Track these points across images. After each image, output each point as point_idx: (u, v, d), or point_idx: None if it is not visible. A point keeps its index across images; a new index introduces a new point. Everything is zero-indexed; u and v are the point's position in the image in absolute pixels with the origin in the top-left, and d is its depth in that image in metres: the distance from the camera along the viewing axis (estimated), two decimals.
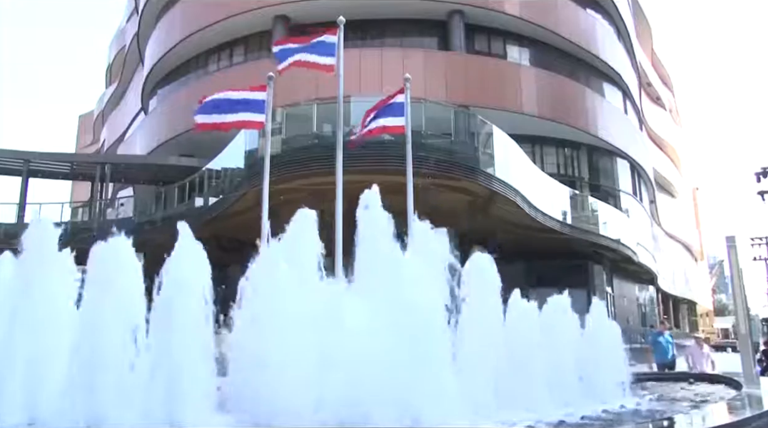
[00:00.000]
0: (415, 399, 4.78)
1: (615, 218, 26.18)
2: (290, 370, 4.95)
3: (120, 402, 4.66)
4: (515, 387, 6.00)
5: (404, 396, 4.78)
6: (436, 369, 4.99)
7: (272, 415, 4.77)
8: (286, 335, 5.12)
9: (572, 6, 27.67)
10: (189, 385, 4.85)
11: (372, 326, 5.15)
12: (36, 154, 26.20)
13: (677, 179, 48.00)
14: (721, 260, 66.19)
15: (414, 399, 4.78)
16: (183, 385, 4.82)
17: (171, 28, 27.91)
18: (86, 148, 51.05)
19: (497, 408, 5.64)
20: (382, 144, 14.80)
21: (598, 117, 27.11)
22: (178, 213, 21.98)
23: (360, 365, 4.96)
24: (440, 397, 4.87)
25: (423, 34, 24.96)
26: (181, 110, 25.85)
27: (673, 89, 51.76)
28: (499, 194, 18.06)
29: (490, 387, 5.83)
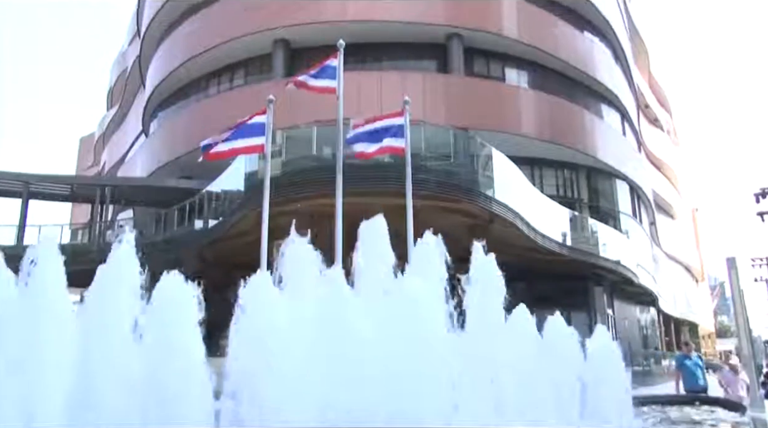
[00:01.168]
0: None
1: (615, 239, 26.15)
2: (292, 385, 4.91)
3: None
4: (517, 405, 5.95)
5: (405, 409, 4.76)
6: (437, 386, 4.97)
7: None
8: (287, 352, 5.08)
9: (570, 29, 27.94)
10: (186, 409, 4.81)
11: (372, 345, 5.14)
12: (36, 176, 26.26)
13: (676, 200, 48.07)
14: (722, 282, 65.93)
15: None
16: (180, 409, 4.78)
17: (172, 51, 28.14)
18: (87, 170, 51.17)
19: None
20: (382, 166, 14.85)
21: (596, 139, 27.23)
22: (178, 235, 22.01)
23: (361, 380, 4.93)
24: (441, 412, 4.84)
25: (422, 57, 25.15)
26: (182, 132, 26.00)
27: (670, 111, 52.08)
28: (498, 216, 18.07)
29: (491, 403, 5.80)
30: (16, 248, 22.81)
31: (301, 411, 4.85)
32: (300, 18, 24.13)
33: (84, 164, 54.54)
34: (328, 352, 5.12)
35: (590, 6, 29.20)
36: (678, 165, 50.02)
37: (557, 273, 22.71)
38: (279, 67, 24.51)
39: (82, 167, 54.71)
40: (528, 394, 6.05)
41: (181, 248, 20.77)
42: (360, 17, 23.62)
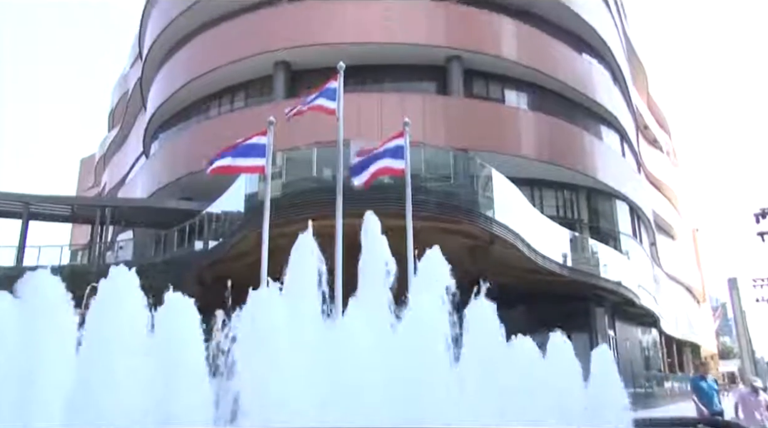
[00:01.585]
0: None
1: (615, 260, 26.10)
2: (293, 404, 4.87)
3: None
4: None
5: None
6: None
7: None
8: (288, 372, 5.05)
9: (568, 51, 28.16)
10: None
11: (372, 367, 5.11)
12: (36, 197, 26.26)
13: (677, 221, 48.07)
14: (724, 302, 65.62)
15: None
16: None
17: (173, 73, 28.33)
18: (87, 191, 51.26)
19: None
20: (382, 187, 14.84)
21: (596, 160, 27.31)
22: (177, 257, 21.96)
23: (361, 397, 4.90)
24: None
25: (422, 79, 25.32)
26: (182, 153, 26.07)
27: (669, 132, 52.31)
28: (499, 237, 18.04)
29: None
30: (16, 270, 22.76)
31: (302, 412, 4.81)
32: (300, 40, 24.35)
33: (85, 184, 54.65)
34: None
35: (588, 28, 29.46)
36: (678, 186, 50.11)
37: (558, 294, 22.61)
38: (280, 89, 24.66)
39: (83, 187, 54.81)
40: (530, 415, 6.00)
41: (181, 270, 20.71)
42: (360, 40, 23.83)
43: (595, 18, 30.23)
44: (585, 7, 29.50)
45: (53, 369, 5.25)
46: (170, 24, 28.79)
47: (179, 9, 28.29)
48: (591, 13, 29.87)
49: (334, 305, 9.37)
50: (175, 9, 28.67)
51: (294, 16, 25.35)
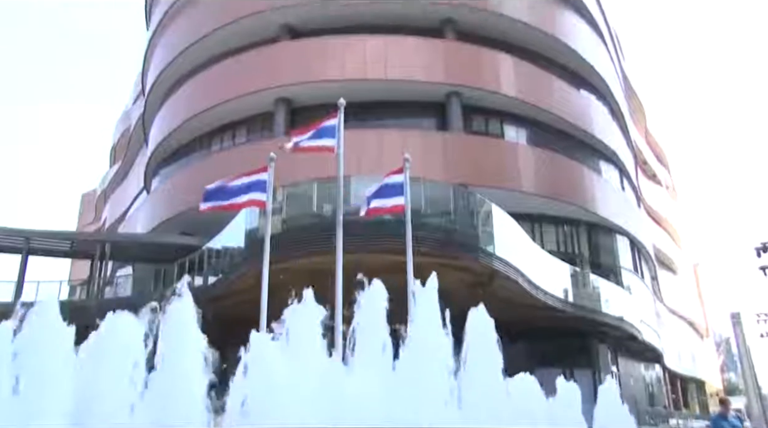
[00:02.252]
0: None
1: (617, 295, 25.95)
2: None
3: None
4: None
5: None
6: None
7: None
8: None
9: (566, 87, 28.45)
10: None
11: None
12: (36, 232, 26.23)
13: (677, 255, 47.95)
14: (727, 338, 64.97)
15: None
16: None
17: (175, 109, 28.58)
18: (87, 226, 51.27)
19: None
20: (382, 223, 14.87)
21: (596, 195, 27.36)
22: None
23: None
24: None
25: (421, 115, 25.52)
26: (183, 189, 26.13)
27: (668, 166, 52.56)
28: (499, 273, 17.98)
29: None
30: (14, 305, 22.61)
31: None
32: (301, 77, 24.63)
33: (85, 220, 54.69)
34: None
35: (586, 65, 29.83)
36: (678, 220, 50.13)
37: (560, 330, 22.45)
38: (280, 125, 24.83)
39: (83, 223, 54.84)
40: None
41: None
42: (360, 76, 24.11)
43: (593, 55, 30.65)
44: (582, 45, 29.94)
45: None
46: (173, 61, 29.15)
47: (182, 47, 28.69)
48: (588, 50, 30.29)
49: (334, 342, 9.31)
50: (177, 47, 29.08)
51: (294, 54, 25.70)
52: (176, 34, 29.92)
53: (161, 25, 31.06)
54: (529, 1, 28.55)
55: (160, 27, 31.19)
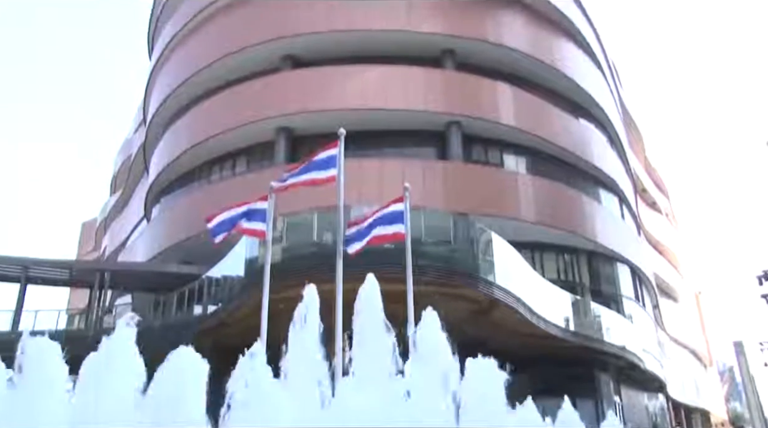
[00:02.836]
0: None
1: (618, 323, 25.81)
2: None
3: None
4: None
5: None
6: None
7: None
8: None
9: (565, 116, 28.67)
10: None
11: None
12: (35, 261, 26.16)
13: (679, 283, 47.78)
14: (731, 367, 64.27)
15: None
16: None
17: (176, 138, 28.76)
18: (87, 255, 51.22)
19: None
20: (382, 252, 14.85)
21: (596, 223, 27.39)
22: (176, 321, 21.73)
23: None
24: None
25: (421, 144, 25.66)
26: (184, 217, 26.18)
27: (668, 194, 52.68)
28: (500, 301, 17.93)
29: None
30: (11, 335, 22.48)
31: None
32: (301, 107, 24.83)
33: (85, 248, 54.66)
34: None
35: (584, 94, 30.10)
36: (678, 248, 50.06)
37: (561, 359, 22.26)
38: (281, 154, 24.94)
39: (83, 251, 54.80)
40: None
41: (179, 335, 20.46)
42: (360, 106, 24.31)
43: (591, 84, 30.95)
44: (581, 74, 30.26)
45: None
46: (174, 91, 29.43)
47: (183, 76, 28.98)
48: (586, 79, 30.60)
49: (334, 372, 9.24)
50: (179, 76, 29.38)
51: (295, 83, 25.97)
52: (178, 64, 30.27)
53: (163, 55, 31.44)
54: (528, 32, 28.94)
55: (162, 57, 31.56)
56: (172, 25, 31.40)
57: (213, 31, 28.95)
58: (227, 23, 28.55)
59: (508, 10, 28.77)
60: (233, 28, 28.10)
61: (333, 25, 26.13)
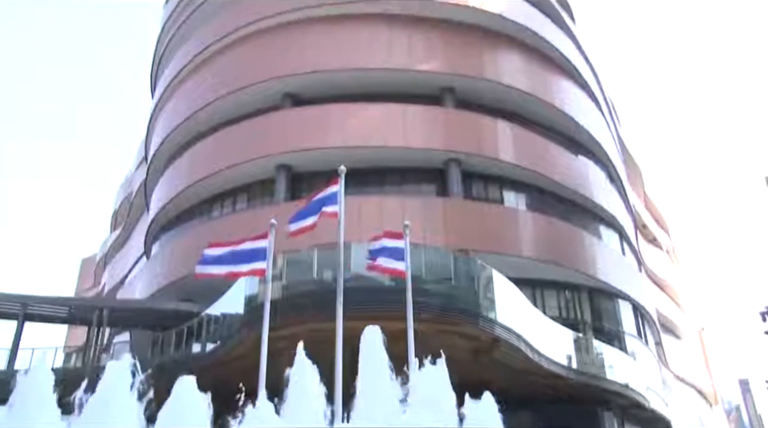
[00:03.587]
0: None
1: (621, 361, 25.51)
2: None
3: None
4: None
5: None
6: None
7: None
8: None
9: (564, 152, 28.83)
10: None
11: None
12: (34, 297, 25.97)
13: (681, 320, 47.42)
14: (737, 405, 63.43)
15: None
16: None
17: (177, 175, 28.88)
18: (86, 292, 50.99)
19: None
20: (383, 290, 14.82)
21: (596, 259, 27.31)
22: (174, 359, 21.51)
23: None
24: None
25: (421, 181, 25.78)
26: (183, 255, 26.12)
27: (668, 230, 52.65)
28: (501, 339, 17.79)
29: None
30: (6, 373, 22.20)
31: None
32: (301, 144, 25.00)
33: (84, 285, 54.44)
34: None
35: (583, 131, 30.33)
36: (680, 284, 49.80)
37: (564, 398, 21.97)
38: (281, 192, 25.02)
39: (82, 288, 54.56)
40: None
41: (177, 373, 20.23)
42: (360, 143, 24.48)
43: (589, 121, 31.21)
44: (579, 111, 30.53)
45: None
46: (176, 128, 29.67)
47: (185, 114, 29.26)
48: (585, 117, 30.86)
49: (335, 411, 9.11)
50: (181, 114, 29.66)
51: (295, 121, 26.19)
52: (179, 102, 30.60)
53: (165, 93, 31.82)
54: (526, 70, 29.31)
55: (164, 95, 31.93)
56: (174, 65, 31.86)
57: (214, 70, 29.34)
58: (228, 62, 28.95)
59: (507, 49, 29.20)
60: (234, 67, 28.48)
61: (333, 64, 26.52)
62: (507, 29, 29.19)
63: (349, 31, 27.58)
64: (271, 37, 28.17)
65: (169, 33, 33.90)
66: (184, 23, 32.61)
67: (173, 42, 33.19)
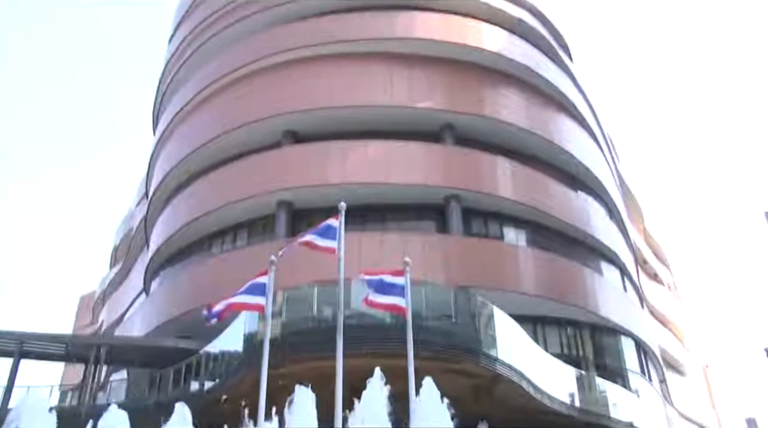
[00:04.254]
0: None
1: (625, 399, 25.19)
2: None
3: None
4: None
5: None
6: None
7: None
8: None
9: (564, 189, 28.90)
10: None
11: None
12: (30, 335, 25.71)
13: (685, 357, 46.91)
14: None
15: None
16: None
17: (178, 212, 28.93)
18: (84, 329, 50.64)
19: None
20: (383, 327, 14.73)
21: (598, 295, 27.15)
22: (171, 398, 21.21)
23: None
24: None
25: (421, 217, 25.78)
26: (183, 291, 26.03)
27: (669, 266, 52.46)
28: (502, 377, 17.61)
29: None
30: (0, 411, 21.88)
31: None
32: (303, 181, 25.11)
33: (82, 322, 54.11)
34: None
35: (582, 167, 30.47)
36: (683, 320, 49.40)
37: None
38: (281, 228, 25.01)
39: (80, 325, 54.23)
40: None
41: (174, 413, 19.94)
42: (361, 180, 24.58)
43: (588, 157, 31.38)
44: (577, 147, 30.73)
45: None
46: (177, 165, 29.82)
47: (186, 151, 29.45)
48: (584, 153, 31.05)
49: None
50: (182, 151, 29.86)
51: (296, 157, 26.36)
52: (180, 139, 30.85)
53: (167, 130, 32.10)
54: (525, 107, 29.59)
55: (165, 132, 32.21)
56: (176, 103, 32.21)
57: (216, 108, 29.64)
58: (229, 100, 29.27)
59: (506, 86, 29.52)
60: (235, 105, 28.79)
61: (333, 101, 26.81)
62: (506, 67, 29.58)
63: (350, 68, 27.96)
64: (273, 75, 28.53)
65: (172, 71, 34.39)
66: (186, 62, 33.11)
67: (176, 80, 33.65)
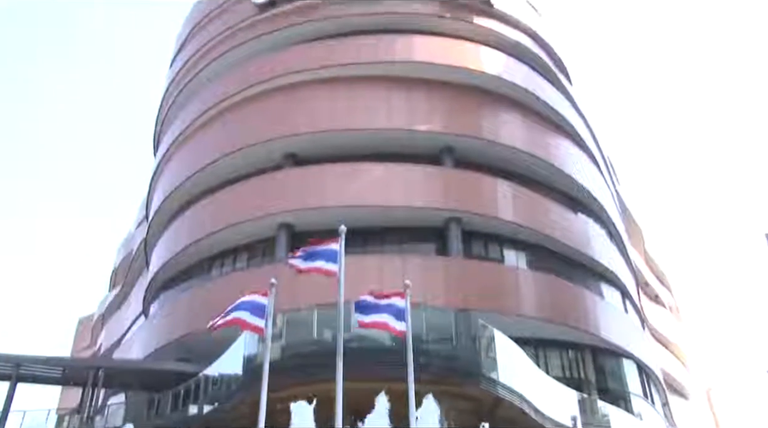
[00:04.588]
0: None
1: (628, 422, 24.95)
2: None
3: None
4: None
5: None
6: None
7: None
8: None
9: (564, 211, 28.90)
10: None
11: None
12: (27, 358, 25.49)
13: (688, 380, 46.54)
14: None
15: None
16: None
17: (178, 234, 28.90)
18: (82, 352, 50.29)
19: None
20: (383, 351, 14.65)
21: (599, 318, 27.01)
22: (170, 422, 21.03)
23: None
24: None
25: (421, 240, 25.76)
26: (182, 314, 25.91)
27: (670, 288, 52.28)
28: (504, 400, 17.47)
29: None
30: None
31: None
32: (303, 203, 25.13)
33: (80, 345, 53.75)
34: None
35: (582, 189, 30.52)
36: (685, 342, 49.09)
37: None
38: (282, 251, 24.93)
39: (79, 348, 53.85)
40: None
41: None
42: (361, 203, 24.61)
43: (588, 179, 31.45)
44: (577, 170, 30.80)
45: None
46: (177, 187, 29.87)
47: (187, 174, 29.53)
48: (583, 175, 31.11)
49: None
50: (182, 174, 29.93)
51: (297, 180, 26.41)
52: (181, 162, 30.95)
53: (168, 153, 32.22)
54: (525, 130, 29.72)
55: (166, 155, 32.33)
56: (176, 126, 32.38)
57: (216, 131, 29.78)
58: (229, 123, 29.43)
59: (505, 109, 29.69)
60: (236, 128, 28.93)
61: (333, 125, 26.96)
62: (505, 90, 29.77)
63: (350, 92, 28.14)
64: (273, 98, 28.73)
65: (172, 95, 34.64)
66: (186, 86, 33.38)
67: (176, 104, 33.86)
